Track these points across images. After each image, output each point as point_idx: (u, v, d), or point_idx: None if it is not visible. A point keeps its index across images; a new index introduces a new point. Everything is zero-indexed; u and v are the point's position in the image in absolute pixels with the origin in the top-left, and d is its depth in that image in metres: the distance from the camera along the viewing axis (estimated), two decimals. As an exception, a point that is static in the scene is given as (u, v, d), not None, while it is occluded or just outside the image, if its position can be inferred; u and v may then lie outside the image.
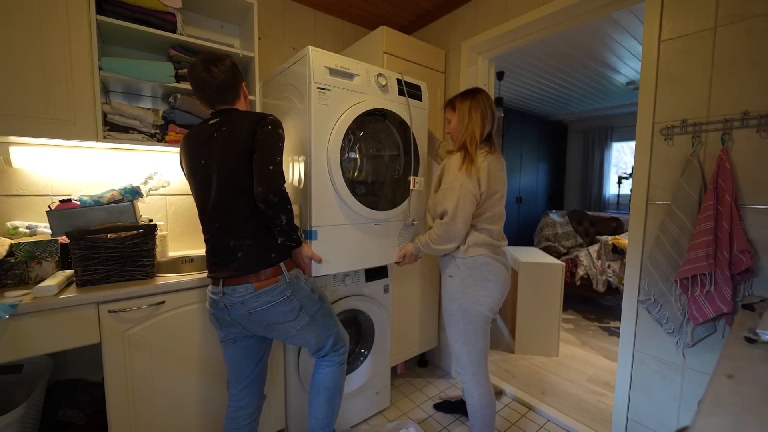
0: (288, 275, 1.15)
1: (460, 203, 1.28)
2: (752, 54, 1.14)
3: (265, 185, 1.07)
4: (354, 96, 1.40)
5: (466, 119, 1.38)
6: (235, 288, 1.10)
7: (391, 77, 1.54)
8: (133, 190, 1.38)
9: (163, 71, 1.42)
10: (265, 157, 1.09)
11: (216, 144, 1.12)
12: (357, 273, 1.65)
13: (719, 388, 0.60)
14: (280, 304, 1.13)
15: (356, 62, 1.42)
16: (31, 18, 1.17)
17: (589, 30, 2.41)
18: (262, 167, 1.08)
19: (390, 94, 1.52)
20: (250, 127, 1.10)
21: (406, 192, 1.60)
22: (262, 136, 1.10)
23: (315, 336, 1.22)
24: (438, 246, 1.34)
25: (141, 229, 1.27)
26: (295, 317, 1.16)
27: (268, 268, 1.11)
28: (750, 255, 1.12)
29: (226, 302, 1.12)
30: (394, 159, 1.65)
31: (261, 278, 1.10)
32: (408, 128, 1.57)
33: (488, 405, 1.39)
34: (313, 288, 1.25)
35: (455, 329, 1.37)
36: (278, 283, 1.12)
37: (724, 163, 1.17)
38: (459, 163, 1.30)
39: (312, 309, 1.20)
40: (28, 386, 1.28)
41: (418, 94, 1.64)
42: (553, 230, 4.15)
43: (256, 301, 1.10)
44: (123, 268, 1.23)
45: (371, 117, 1.51)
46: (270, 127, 1.11)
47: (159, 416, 1.27)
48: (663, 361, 1.37)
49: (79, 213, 1.25)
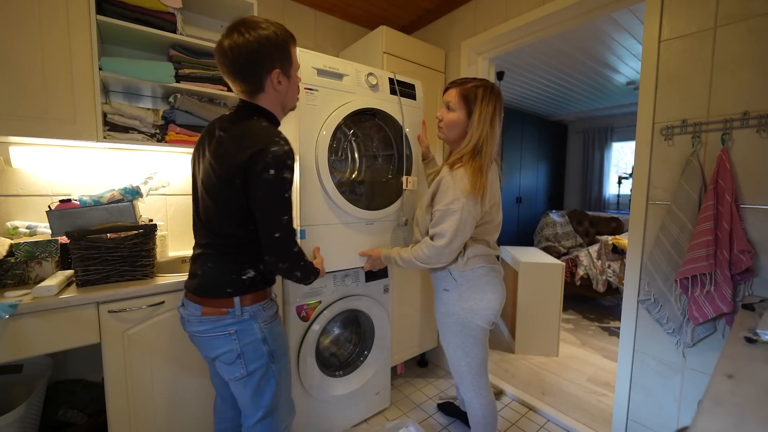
0: (240, 310, 0.95)
1: (460, 228, 1.14)
2: (752, 54, 1.14)
3: (273, 255, 0.93)
4: (343, 96, 1.41)
5: (487, 126, 1.17)
6: (190, 304, 0.98)
7: (383, 76, 1.53)
8: (133, 190, 1.38)
9: (163, 71, 1.42)
10: (269, 222, 0.90)
11: (205, 152, 0.94)
12: (357, 273, 1.65)
13: (719, 388, 0.60)
14: (218, 338, 0.96)
15: (345, 62, 1.43)
16: (31, 18, 1.17)
17: (589, 30, 2.41)
18: (267, 235, 0.91)
19: (381, 93, 1.52)
20: (240, 160, 0.85)
21: (399, 191, 1.59)
22: (261, 190, 0.87)
23: (246, 397, 1.00)
24: (423, 265, 1.24)
25: (141, 229, 1.26)
26: (230, 362, 0.97)
27: (220, 299, 0.95)
28: (750, 255, 1.12)
29: (182, 314, 1.02)
30: (387, 158, 1.65)
31: (210, 305, 0.95)
32: (401, 127, 1.55)
33: (490, 415, 1.34)
34: (270, 338, 1.00)
35: (453, 341, 1.30)
36: (224, 316, 0.95)
37: (724, 163, 1.17)
38: (467, 184, 1.12)
39: (252, 364, 0.97)
40: (28, 386, 1.28)
41: (412, 93, 1.62)
42: (553, 230, 4.15)
43: (198, 325, 0.97)
44: (123, 268, 1.23)
45: (361, 116, 1.50)
46: (272, 172, 0.85)
47: (159, 416, 1.27)
48: (663, 361, 1.37)
49: (79, 213, 1.25)
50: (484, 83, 1.23)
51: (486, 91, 1.20)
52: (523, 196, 4.75)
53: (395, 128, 1.57)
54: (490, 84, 1.23)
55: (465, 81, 1.24)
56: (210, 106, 1.55)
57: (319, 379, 1.54)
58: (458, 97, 1.22)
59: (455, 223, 1.14)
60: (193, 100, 1.49)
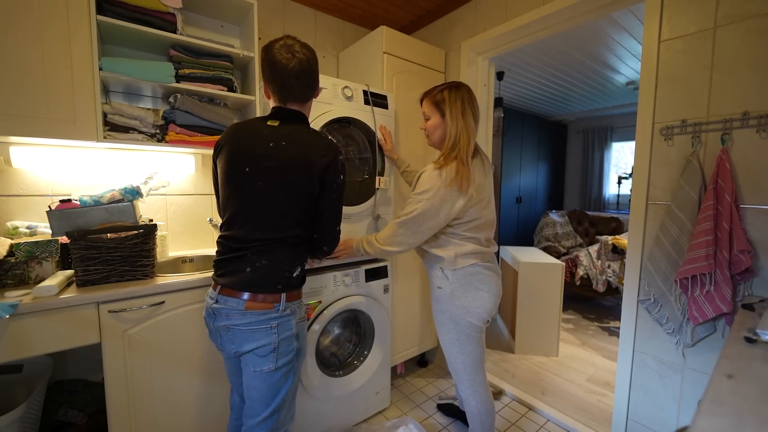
0: (284, 305, 1.02)
1: (423, 215, 1.19)
2: (752, 54, 1.14)
3: (330, 245, 1.10)
4: (321, 107, 1.53)
5: (460, 120, 1.22)
6: (228, 299, 1.01)
7: (357, 89, 1.67)
8: (134, 190, 1.38)
9: (164, 71, 1.42)
10: (336, 219, 1.08)
11: (269, 160, 0.99)
12: (357, 273, 1.66)
13: (719, 388, 0.60)
14: (258, 331, 1.00)
15: (324, 77, 1.50)
16: (31, 18, 1.17)
17: (589, 30, 2.41)
18: (330, 228, 1.08)
19: (355, 104, 1.66)
20: (319, 166, 0.99)
21: (373, 190, 1.74)
22: (335, 191, 1.04)
23: (261, 392, 1.03)
24: (384, 247, 1.26)
25: (141, 229, 1.26)
26: (264, 354, 1.01)
27: (269, 294, 1.01)
28: (750, 255, 1.12)
29: (215, 309, 1.04)
30: (363, 161, 1.76)
31: (256, 300, 1.00)
32: (373, 133, 1.71)
33: (487, 412, 1.35)
34: (301, 335, 1.08)
35: (448, 338, 1.32)
36: (269, 311, 1.00)
37: (723, 163, 1.17)
38: (448, 177, 1.16)
39: (282, 359, 1.02)
40: (28, 386, 1.28)
41: (384, 103, 1.78)
42: (553, 230, 4.15)
43: (239, 318, 1.00)
44: (123, 268, 1.23)
45: (339, 125, 1.63)
46: (342, 177, 1.04)
47: (159, 416, 1.27)
48: (663, 360, 1.37)
49: (79, 213, 1.25)
50: (449, 84, 1.29)
51: (451, 90, 1.27)
52: (523, 196, 4.75)
53: (369, 134, 1.72)
54: (455, 83, 1.29)
55: (432, 89, 1.32)
56: (210, 106, 1.55)
57: (319, 379, 1.54)
58: (430, 104, 1.31)
59: (420, 209, 1.19)
60: (194, 100, 1.49)
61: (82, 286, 1.17)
